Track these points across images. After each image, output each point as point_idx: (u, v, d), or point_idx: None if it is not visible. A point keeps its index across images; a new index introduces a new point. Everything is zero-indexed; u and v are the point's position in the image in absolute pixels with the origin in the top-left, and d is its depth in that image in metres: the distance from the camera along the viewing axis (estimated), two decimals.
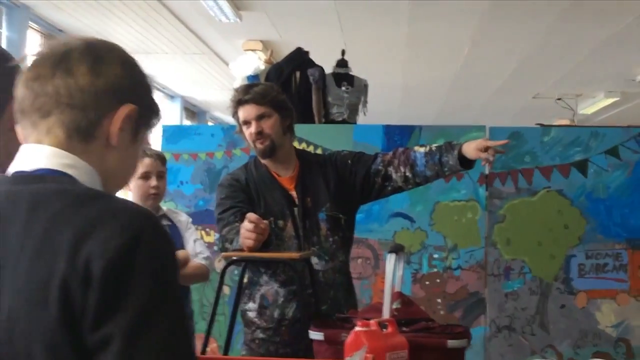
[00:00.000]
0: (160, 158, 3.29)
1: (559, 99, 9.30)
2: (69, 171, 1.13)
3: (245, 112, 2.80)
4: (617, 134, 4.03)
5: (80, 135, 1.15)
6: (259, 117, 2.78)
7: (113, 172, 1.20)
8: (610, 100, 9.51)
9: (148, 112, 1.23)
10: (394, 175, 2.81)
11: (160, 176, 3.24)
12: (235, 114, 2.85)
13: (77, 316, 0.98)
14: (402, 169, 2.78)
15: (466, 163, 2.71)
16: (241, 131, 2.87)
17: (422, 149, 2.79)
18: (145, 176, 3.18)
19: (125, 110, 1.16)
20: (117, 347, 0.97)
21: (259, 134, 2.78)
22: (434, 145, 2.78)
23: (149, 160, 3.20)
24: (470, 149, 2.63)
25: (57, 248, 1.00)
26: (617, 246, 3.96)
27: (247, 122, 2.81)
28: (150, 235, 1.03)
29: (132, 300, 0.98)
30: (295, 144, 3.01)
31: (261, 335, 2.82)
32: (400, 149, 2.86)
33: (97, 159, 1.17)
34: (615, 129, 4.13)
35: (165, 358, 1.00)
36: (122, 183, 1.26)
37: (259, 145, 2.80)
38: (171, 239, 1.09)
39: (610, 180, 3.99)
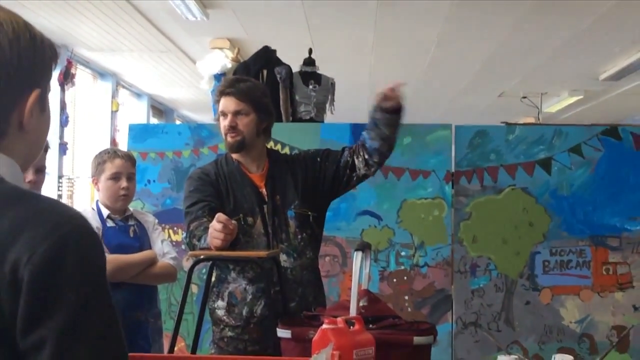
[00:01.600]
0: (130, 159, 3.27)
1: (524, 98, 9.40)
2: None
3: (224, 103, 2.83)
4: (580, 133, 4.09)
5: None
6: (236, 113, 2.80)
7: (30, 151, 1.18)
8: (574, 99, 9.64)
9: (49, 82, 1.18)
10: (357, 163, 2.85)
11: (130, 178, 3.22)
12: (217, 102, 2.88)
13: (7, 321, 0.96)
14: (361, 153, 2.84)
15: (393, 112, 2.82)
16: (219, 120, 2.88)
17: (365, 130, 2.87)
18: (115, 177, 3.16)
19: (33, 97, 1.12)
20: (49, 351, 0.96)
21: (232, 128, 2.80)
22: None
23: (119, 161, 3.18)
24: (379, 97, 2.82)
25: None
26: (580, 243, 4.03)
27: (224, 114, 2.82)
28: (78, 237, 1.01)
29: (62, 304, 0.97)
30: None
31: (230, 334, 2.82)
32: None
33: (14, 147, 1.13)
34: (579, 128, 4.19)
35: (97, 358, 0.99)
36: (38, 152, 1.23)
37: (229, 139, 2.82)
38: (99, 239, 1.07)
39: (573, 178, 4.05)
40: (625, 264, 3.99)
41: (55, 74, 1.15)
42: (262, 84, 3.12)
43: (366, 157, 2.83)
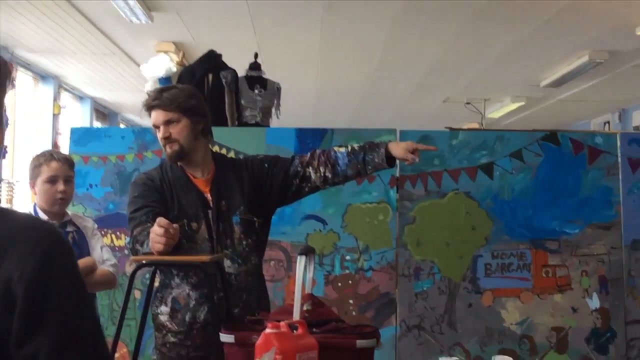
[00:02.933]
0: (68, 162, 3.21)
1: (467, 103, 9.54)
2: None
3: (154, 116, 2.82)
4: (521, 138, 4.17)
5: None
6: (167, 122, 2.79)
7: None
8: (516, 105, 9.82)
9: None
10: (312, 176, 2.85)
11: (68, 180, 3.17)
12: (149, 117, 2.86)
13: (1, 336, 1.01)
14: (321, 169, 2.84)
15: (390, 162, 2.84)
16: (155, 133, 2.86)
17: (342, 149, 2.87)
18: (52, 180, 3.11)
19: None
20: None
21: (167, 139, 2.79)
22: (355, 145, 2.87)
23: (56, 164, 3.13)
24: (399, 149, 2.80)
25: None
26: (521, 246, 4.10)
27: (156, 126, 2.81)
28: (58, 250, 1.06)
29: (54, 315, 1.02)
30: (209, 146, 2.99)
31: (172, 339, 2.80)
32: (319, 150, 2.91)
33: None
34: (520, 133, 4.28)
35: None
36: None
37: (167, 150, 2.81)
38: (71, 246, 1.13)
39: (514, 182, 4.12)
40: (564, 267, 4.08)
41: None
42: (189, 86, 3.10)
43: (328, 175, 2.85)
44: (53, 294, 1.03)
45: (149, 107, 2.82)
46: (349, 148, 2.87)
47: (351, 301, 4.11)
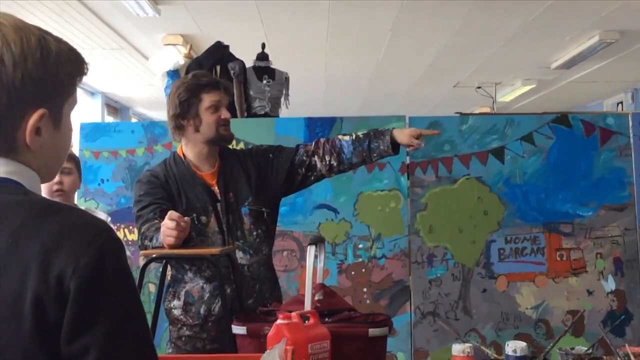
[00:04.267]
0: None
1: (478, 88, 9.48)
2: (15, 178, 1.14)
3: (219, 95, 2.82)
4: (531, 121, 4.15)
5: (4, 147, 1.14)
6: (227, 106, 2.83)
7: (47, 166, 1.21)
8: (527, 88, 9.75)
9: (64, 99, 1.19)
10: (318, 165, 2.85)
11: (67, 172, 3.15)
12: (195, 95, 2.80)
13: (51, 329, 1.01)
14: (327, 157, 2.84)
15: (394, 148, 2.84)
16: (194, 116, 2.81)
17: (347, 137, 2.87)
18: None
19: (34, 117, 1.14)
20: (94, 357, 1.02)
21: (228, 121, 2.82)
22: (360, 133, 2.88)
23: None
24: (403, 135, 2.80)
25: (25, 263, 1.02)
26: (534, 230, 4.08)
27: (216, 107, 2.81)
28: (112, 247, 1.07)
29: (106, 312, 1.03)
30: None
31: (187, 333, 2.80)
32: (323, 139, 2.91)
33: (30, 161, 1.17)
34: (530, 117, 4.25)
35: None
36: (58, 166, 1.26)
37: (223, 132, 2.82)
38: (124, 248, 1.12)
39: (526, 166, 4.10)
40: (578, 250, 4.06)
41: None
42: None
43: (333, 163, 2.85)
44: (105, 291, 1.04)
45: (213, 86, 2.82)
46: (354, 136, 2.87)
47: (365, 289, 4.11)
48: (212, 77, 2.90)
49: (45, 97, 1.15)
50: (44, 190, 3.10)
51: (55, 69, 1.15)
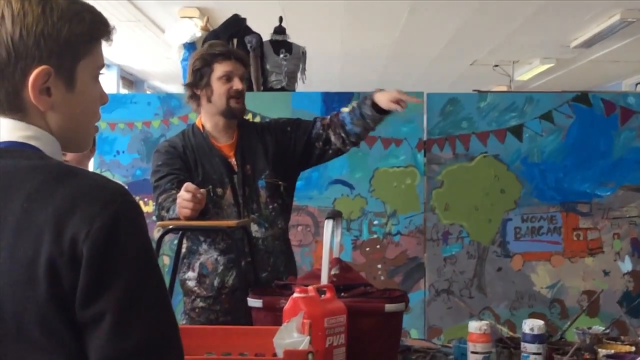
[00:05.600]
0: None
1: (496, 66, 9.40)
2: (33, 143, 1.12)
3: (230, 66, 2.78)
4: (551, 99, 4.10)
5: (11, 106, 1.12)
6: (241, 77, 2.78)
7: (66, 130, 1.17)
8: (545, 67, 9.65)
9: (73, 53, 1.15)
10: (332, 138, 2.84)
11: None
12: (207, 65, 2.78)
13: (66, 293, 1.00)
14: (338, 130, 2.82)
15: (384, 110, 2.77)
16: (206, 85, 2.79)
17: (346, 109, 2.86)
18: None
19: (35, 74, 1.11)
20: (109, 322, 1.01)
21: (241, 93, 2.77)
22: (355, 102, 2.84)
23: None
24: (383, 99, 2.71)
25: (39, 227, 1.01)
26: (551, 209, 4.05)
27: (228, 77, 2.77)
28: (128, 211, 1.05)
29: (120, 277, 1.02)
30: None
31: (201, 304, 2.81)
32: (334, 113, 2.89)
33: (45, 124, 1.14)
34: (549, 94, 4.20)
35: (155, 327, 1.04)
36: (87, 132, 1.23)
37: (234, 104, 2.78)
38: (142, 212, 1.10)
39: (544, 144, 4.06)
40: (596, 230, 4.03)
41: None
42: None
43: (343, 135, 2.83)
44: (120, 256, 1.02)
45: (227, 56, 2.78)
46: (350, 107, 2.85)
47: (379, 266, 4.10)
48: (227, 46, 2.86)
49: (49, 54, 1.11)
50: None
51: (60, 26, 1.12)
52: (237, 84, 2.77)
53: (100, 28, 1.19)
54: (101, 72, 1.22)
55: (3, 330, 1.02)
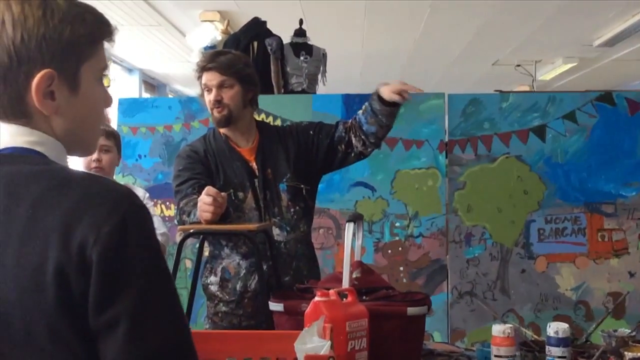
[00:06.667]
0: (104, 132, 3.21)
1: (518, 66, 9.33)
2: (37, 148, 1.11)
3: (207, 77, 2.77)
4: (574, 99, 4.06)
5: (15, 112, 1.12)
6: (220, 85, 2.75)
7: (71, 134, 1.16)
8: (568, 66, 9.57)
9: (76, 55, 1.14)
10: (354, 141, 2.83)
11: (106, 150, 3.16)
12: (199, 78, 2.82)
13: (76, 300, 0.99)
14: (357, 132, 2.81)
15: (393, 103, 2.75)
16: (203, 96, 2.84)
17: (361, 111, 2.84)
18: None
19: (38, 78, 1.10)
20: (124, 328, 0.99)
21: (218, 102, 2.75)
22: (367, 102, 2.80)
23: None
24: (386, 91, 2.71)
25: (46, 233, 1.00)
26: (575, 210, 4.01)
27: (208, 88, 2.78)
28: (136, 214, 1.04)
29: (132, 282, 1.00)
30: (255, 115, 2.97)
31: (224, 309, 2.80)
32: (355, 116, 2.88)
33: (49, 128, 1.14)
34: (573, 94, 4.16)
35: (171, 331, 1.03)
36: (89, 136, 1.22)
37: (216, 114, 2.78)
38: (150, 215, 1.09)
39: (568, 144, 4.02)
40: (621, 230, 3.98)
41: None
42: (243, 54, 3.06)
43: (363, 137, 2.81)
44: (130, 260, 1.00)
45: (204, 68, 2.78)
46: (364, 107, 2.83)
47: (401, 268, 4.08)
48: (210, 57, 2.82)
49: (51, 57, 1.10)
50: (84, 168, 3.12)
51: (61, 29, 1.11)
52: (212, 95, 2.77)
53: (102, 29, 1.18)
54: (104, 73, 1.21)
55: (12, 337, 1.01)
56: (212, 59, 2.77)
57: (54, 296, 0.99)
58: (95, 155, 3.11)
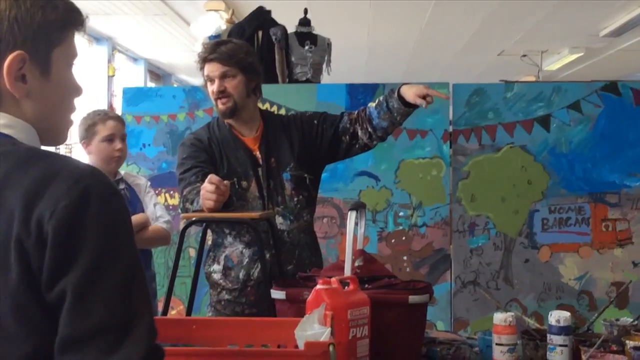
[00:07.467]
0: (121, 120, 3.28)
1: (524, 56, 9.31)
2: (6, 131, 1.12)
3: (209, 68, 2.77)
4: (579, 89, 4.05)
5: None
6: (222, 76, 2.75)
7: (43, 118, 1.17)
8: (574, 56, 9.55)
9: (47, 39, 1.15)
10: (359, 133, 2.82)
11: (123, 139, 3.21)
12: (201, 69, 2.82)
13: (36, 276, 1.00)
14: (365, 125, 2.81)
15: (410, 103, 2.73)
16: (206, 87, 2.84)
17: (373, 104, 2.84)
18: (110, 139, 3.15)
19: (9, 60, 1.11)
20: (70, 301, 0.99)
21: (221, 93, 2.75)
22: (381, 96, 2.80)
23: (112, 123, 3.18)
24: (410, 93, 2.69)
25: (9, 212, 1.01)
26: (579, 200, 4.00)
27: (210, 79, 2.78)
28: (98, 190, 1.03)
29: (82, 256, 1.00)
30: (259, 104, 2.97)
31: (227, 297, 2.81)
32: (362, 107, 2.87)
33: (21, 112, 1.14)
34: (578, 84, 4.15)
35: (118, 308, 1.02)
36: (62, 123, 1.23)
37: (220, 105, 2.78)
38: (119, 191, 1.09)
39: (572, 134, 4.01)
40: (625, 220, 3.98)
41: None
42: (245, 42, 3.05)
43: (370, 130, 2.81)
44: (83, 235, 1.00)
45: (205, 59, 2.78)
46: (377, 101, 2.82)
47: (405, 257, 4.08)
48: (212, 47, 2.81)
49: (23, 40, 1.11)
50: (105, 157, 3.14)
51: (33, 12, 1.12)
52: (215, 86, 2.77)
53: (73, 16, 1.19)
54: (74, 62, 1.22)
55: None
56: (214, 50, 2.77)
57: (17, 273, 0.99)
58: (119, 145, 3.15)
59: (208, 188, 2.38)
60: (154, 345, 1.05)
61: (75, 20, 1.19)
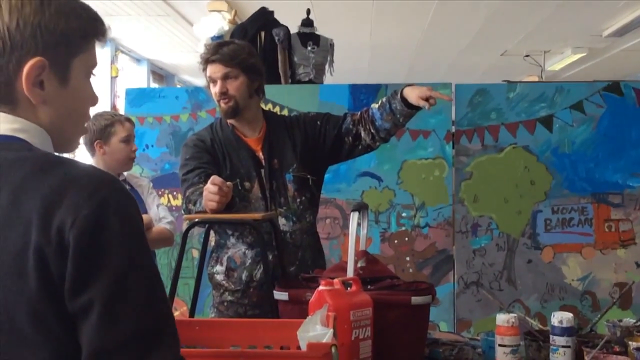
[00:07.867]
0: (133, 123, 3.32)
1: (527, 56, 9.29)
2: (21, 135, 1.12)
3: (211, 70, 2.77)
4: (582, 89, 4.05)
5: (2, 98, 1.12)
6: (225, 77, 2.75)
7: (59, 124, 1.17)
8: (577, 56, 9.53)
9: (68, 47, 1.15)
10: (362, 134, 2.82)
11: (134, 140, 3.28)
12: (203, 70, 2.83)
13: (56, 284, 0.99)
14: (368, 126, 2.81)
15: (413, 105, 2.73)
16: (209, 88, 2.84)
17: (376, 105, 2.83)
18: (127, 140, 3.20)
19: (29, 66, 1.11)
20: (97, 312, 0.99)
21: (223, 94, 2.75)
22: (384, 98, 2.80)
23: (129, 125, 3.26)
24: (413, 95, 2.69)
25: (27, 218, 1.01)
26: (582, 200, 4.00)
27: (213, 80, 2.78)
28: (117, 199, 1.04)
29: (108, 266, 1.00)
30: (262, 104, 2.97)
31: (229, 298, 2.81)
32: (365, 108, 2.87)
33: (37, 117, 1.14)
34: (580, 84, 4.15)
35: (146, 317, 1.03)
36: (76, 131, 1.23)
37: (222, 105, 2.78)
38: (133, 197, 1.10)
39: (575, 135, 4.01)
40: (628, 221, 3.97)
41: None
42: (247, 43, 3.05)
43: (373, 131, 2.81)
44: (107, 245, 1.00)
45: (207, 60, 2.78)
46: (380, 102, 2.82)
47: (408, 258, 4.08)
48: (213, 48, 2.81)
49: (44, 47, 1.11)
50: (122, 158, 3.17)
51: (56, 19, 1.12)
52: (217, 87, 2.77)
53: (96, 26, 1.19)
54: (94, 72, 1.22)
55: None
56: (215, 51, 2.77)
57: (35, 281, 0.99)
58: (135, 146, 3.25)
59: (211, 189, 2.38)
60: (179, 354, 1.07)
61: (97, 30, 1.19)
